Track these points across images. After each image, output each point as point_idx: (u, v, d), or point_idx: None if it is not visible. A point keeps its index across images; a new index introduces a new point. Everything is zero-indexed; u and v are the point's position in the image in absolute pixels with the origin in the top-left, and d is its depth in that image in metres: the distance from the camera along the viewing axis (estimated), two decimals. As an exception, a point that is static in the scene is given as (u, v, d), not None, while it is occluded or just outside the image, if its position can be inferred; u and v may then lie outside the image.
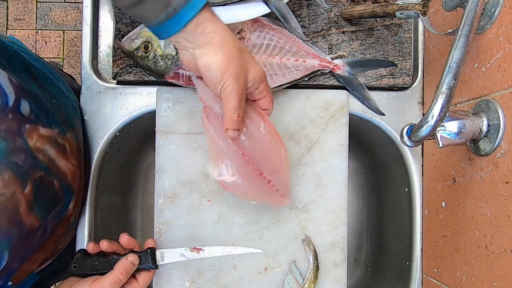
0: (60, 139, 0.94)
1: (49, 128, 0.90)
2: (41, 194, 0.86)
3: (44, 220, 0.88)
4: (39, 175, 0.85)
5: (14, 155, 0.80)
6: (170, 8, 0.74)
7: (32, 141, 0.84)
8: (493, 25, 0.85)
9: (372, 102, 1.13)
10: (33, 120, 0.85)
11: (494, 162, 0.83)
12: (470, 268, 0.92)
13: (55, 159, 0.91)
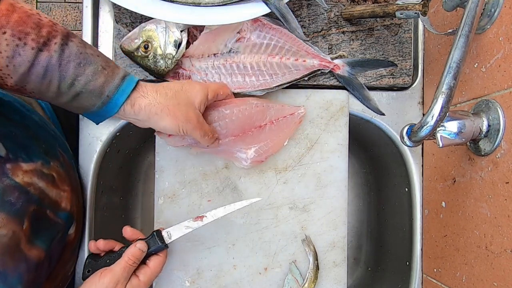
0: (46, 170, 0.95)
1: (31, 162, 0.91)
2: (38, 226, 0.88)
3: (48, 249, 0.89)
4: (33, 209, 0.87)
5: (7, 194, 0.82)
6: (104, 95, 0.82)
7: (18, 178, 0.86)
8: (493, 25, 0.85)
9: (372, 102, 1.13)
10: (12, 159, 0.86)
11: (494, 162, 0.83)
12: (470, 268, 0.92)
13: (45, 189, 0.93)
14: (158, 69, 1.04)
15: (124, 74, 0.85)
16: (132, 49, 1.03)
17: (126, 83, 0.84)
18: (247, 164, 1.09)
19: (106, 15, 1.13)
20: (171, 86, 0.92)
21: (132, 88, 0.85)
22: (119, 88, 0.83)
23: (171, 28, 1.02)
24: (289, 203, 1.12)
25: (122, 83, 0.84)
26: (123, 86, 0.84)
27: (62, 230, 0.96)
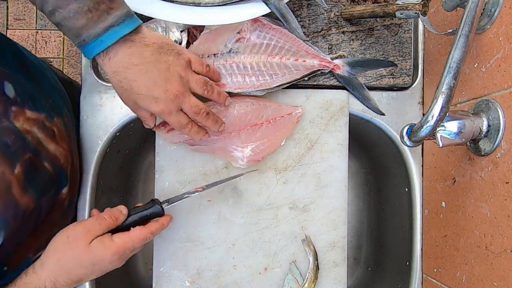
0: (48, 123, 0.95)
1: (35, 112, 0.91)
2: (33, 175, 0.87)
3: (38, 201, 0.88)
4: (29, 157, 0.87)
5: (3, 135, 0.82)
6: (81, 38, 0.79)
7: (19, 123, 0.86)
8: (493, 25, 0.85)
9: (372, 102, 1.13)
10: (19, 103, 0.87)
11: (494, 162, 0.83)
12: (470, 268, 0.92)
13: (43, 141, 0.92)
14: (158, 69, 1.04)
15: (112, 24, 0.78)
16: (132, 49, 1.03)
17: (108, 35, 0.79)
18: (243, 163, 1.09)
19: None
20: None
21: (114, 42, 0.79)
22: (98, 37, 0.78)
23: (171, 28, 1.02)
24: (289, 203, 1.12)
25: (104, 34, 0.78)
26: (104, 37, 0.78)
27: (56, 186, 0.96)
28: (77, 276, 0.85)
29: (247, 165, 1.09)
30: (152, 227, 0.92)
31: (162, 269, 1.10)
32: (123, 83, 0.85)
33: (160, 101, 0.87)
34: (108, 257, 0.86)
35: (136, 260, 1.38)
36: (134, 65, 0.83)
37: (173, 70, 0.87)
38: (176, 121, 0.92)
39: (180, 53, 0.89)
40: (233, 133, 1.07)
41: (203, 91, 0.94)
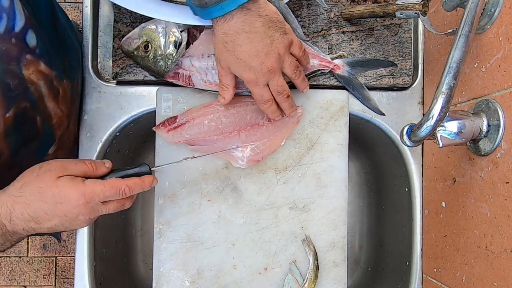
0: (56, 82, 0.96)
1: (48, 67, 0.92)
2: (21, 125, 0.88)
3: (15, 152, 0.88)
4: (24, 106, 0.87)
5: (7, 77, 0.82)
6: (203, 1, 0.84)
7: (27, 71, 0.87)
8: (493, 25, 0.85)
9: (372, 102, 1.13)
10: (36, 54, 0.88)
11: (494, 162, 0.83)
12: (470, 268, 0.92)
13: (45, 97, 0.93)
14: (158, 69, 1.04)
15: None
16: (132, 49, 1.03)
17: (229, 2, 0.83)
18: (243, 163, 1.09)
19: (106, 15, 1.13)
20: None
21: (233, 9, 0.84)
22: (219, 3, 0.83)
23: (171, 28, 1.02)
24: (289, 203, 1.12)
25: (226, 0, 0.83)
26: (225, 3, 0.83)
27: (37, 142, 0.95)
28: (35, 212, 0.78)
29: (247, 165, 1.09)
30: (130, 180, 0.86)
31: (162, 269, 1.10)
32: (228, 44, 0.89)
33: (254, 71, 0.91)
34: (74, 197, 0.79)
35: (136, 260, 1.38)
36: (244, 32, 0.87)
37: (275, 46, 0.91)
38: (260, 93, 0.96)
39: (286, 33, 0.93)
40: (233, 133, 1.08)
41: (292, 73, 0.98)
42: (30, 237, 2.59)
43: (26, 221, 0.78)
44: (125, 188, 0.84)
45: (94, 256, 1.14)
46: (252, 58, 0.89)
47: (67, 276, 2.60)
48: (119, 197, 0.85)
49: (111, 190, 0.83)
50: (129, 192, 0.85)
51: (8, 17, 0.80)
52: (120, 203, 0.87)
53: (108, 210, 0.86)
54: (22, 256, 2.59)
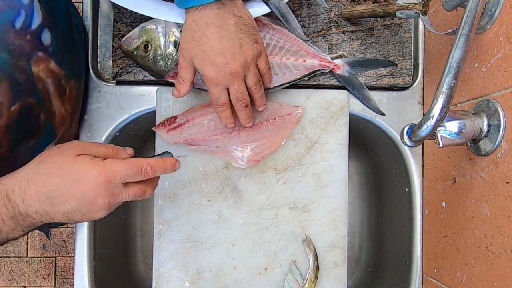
0: (64, 81, 0.96)
1: (58, 66, 0.92)
2: (25, 120, 0.87)
3: (14, 147, 0.87)
4: (30, 102, 0.87)
5: (16, 72, 0.81)
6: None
7: (36, 68, 0.86)
8: (493, 24, 0.84)
9: (372, 102, 1.13)
10: (49, 52, 0.88)
11: (494, 162, 0.83)
12: (471, 268, 0.91)
13: (51, 95, 0.93)
14: (158, 69, 1.04)
15: None
16: (132, 49, 1.03)
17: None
18: (243, 163, 1.09)
19: (106, 14, 1.13)
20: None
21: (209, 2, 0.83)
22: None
23: (171, 28, 1.02)
24: (289, 203, 1.12)
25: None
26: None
27: (36, 138, 0.94)
28: (50, 191, 0.74)
29: (247, 165, 1.09)
30: (152, 159, 0.83)
31: (162, 269, 1.10)
32: (196, 34, 0.86)
33: (216, 68, 0.88)
34: (93, 175, 0.75)
35: (136, 260, 1.38)
36: (215, 25, 0.85)
37: (243, 51, 0.89)
38: (217, 95, 0.94)
39: (256, 42, 0.91)
40: (233, 133, 1.07)
41: (253, 85, 0.95)
42: (30, 237, 2.59)
43: (40, 201, 0.74)
44: (147, 166, 0.80)
45: (94, 256, 1.13)
46: (217, 54, 0.87)
47: (67, 276, 2.60)
48: (141, 176, 0.80)
49: (133, 168, 0.79)
50: (151, 172, 0.81)
51: (26, 14, 0.80)
52: (141, 188, 0.83)
53: (128, 196, 0.81)
54: (22, 256, 2.59)
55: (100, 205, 0.78)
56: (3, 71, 0.79)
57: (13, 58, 0.80)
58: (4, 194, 0.73)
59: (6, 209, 0.73)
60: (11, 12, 0.78)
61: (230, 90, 0.93)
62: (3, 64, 0.78)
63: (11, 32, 0.79)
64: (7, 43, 0.78)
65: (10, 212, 0.73)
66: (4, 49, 0.78)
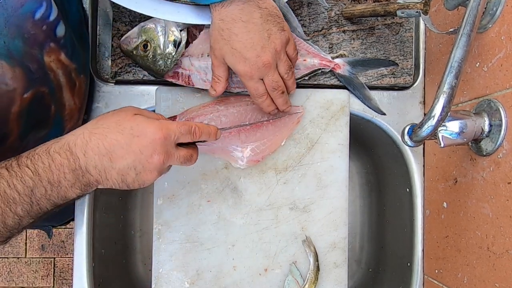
0: (74, 75, 0.98)
1: (69, 60, 0.95)
2: (36, 108, 0.88)
3: (24, 136, 0.88)
4: (43, 91, 0.88)
5: (28, 60, 0.83)
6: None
7: (48, 58, 0.88)
8: (495, 24, 0.84)
9: (373, 102, 1.13)
10: (61, 44, 0.90)
11: (496, 162, 0.83)
12: (472, 269, 0.91)
13: (63, 87, 0.95)
14: (157, 69, 1.03)
15: None
16: (131, 49, 1.03)
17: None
18: (243, 163, 1.09)
19: (105, 14, 1.12)
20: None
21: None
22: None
23: (171, 27, 1.02)
24: (290, 204, 1.11)
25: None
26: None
27: (47, 129, 0.95)
28: (110, 145, 0.77)
29: (246, 165, 1.09)
30: (198, 123, 0.88)
31: (161, 270, 1.09)
32: (224, 32, 0.88)
33: (249, 63, 0.90)
34: (151, 131, 0.79)
35: (135, 261, 1.38)
36: (242, 20, 0.87)
37: (272, 41, 0.91)
38: (255, 87, 0.95)
39: (284, 29, 0.93)
40: (232, 133, 1.07)
41: (285, 73, 0.97)
42: (29, 238, 2.59)
43: (100, 155, 0.76)
44: (195, 128, 0.85)
45: (93, 257, 1.13)
46: (247, 49, 0.89)
47: (65, 277, 2.61)
48: (191, 136, 0.85)
49: (185, 126, 0.83)
50: (199, 133, 0.86)
51: (47, 6, 0.83)
52: (189, 152, 0.87)
53: (179, 157, 0.84)
54: (20, 257, 2.59)
55: (155, 163, 0.80)
56: (14, 58, 0.79)
57: (26, 46, 0.81)
58: (66, 147, 0.75)
59: (68, 162, 0.74)
60: (34, 3, 0.80)
61: (265, 81, 0.95)
62: (15, 51, 0.79)
63: (29, 21, 0.80)
64: (23, 32, 0.80)
65: (72, 164, 0.75)
66: (19, 36, 0.79)
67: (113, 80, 1.11)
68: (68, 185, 0.75)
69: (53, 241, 2.58)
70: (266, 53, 0.90)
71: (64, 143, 0.75)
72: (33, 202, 0.73)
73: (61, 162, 0.74)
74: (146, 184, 0.83)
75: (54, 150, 0.74)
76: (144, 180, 0.82)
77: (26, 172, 0.72)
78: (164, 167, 0.83)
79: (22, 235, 2.60)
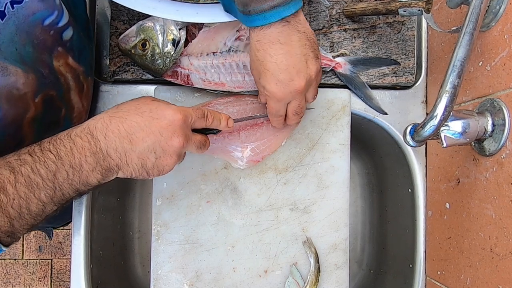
0: (82, 78, 1.00)
1: (77, 63, 0.96)
2: (48, 112, 0.90)
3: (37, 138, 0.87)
4: (53, 94, 0.90)
5: (39, 65, 0.84)
6: (247, 8, 0.82)
7: (57, 63, 0.90)
8: (498, 22, 0.84)
9: (374, 101, 1.12)
10: (67, 48, 0.92)
11: (499, 162, 0.82)
12: (475, 271, 0.91)
13: (71, 90, 0.96)
14: (156, 68, 1.03)
15: (278, 3, 0.81)
16: (129, 48, 1.03)
17: (272, 13, 0.82)
18: (243, 164, 1.08)
19: (103, 12, 1.12)
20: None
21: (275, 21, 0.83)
22: (262, 13, 0.82)
23: (169, 26, 1.01)
24: (290, 204, 1.11)
25: (269, 11, 0.82)
26: (268, 14, 0.82)
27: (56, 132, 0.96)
28: (130, 126, 0.79)
29: (246, 165, 1.08)
30: (211, 109, 0.91)
31: (160, 271, 1.08)
32: (259, 53, 0.87)
33: (281, 85, 0.88)
34: (169, 114, 0.81)
35: (134, 263, 1.38)
36: (280, 42, 0.85)
37: (308, 67, 0.88)
38: (277, 109, 0.94)
39: (318, 57, 0.91)
40: (232, 133, 1.06)
41: (312, 98, 0.96)
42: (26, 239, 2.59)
43: (121, 137, 0.78)
44: (208, 113, 0.89)
45: (91, 258, 1.13)
46: (281, 71, 0.86)
47: (63, 279, 2.61)
48: (205, 120, 0.88)
49: (199, 111, 0.87)
50: (211, 118, 0.89)
51: (58, 14, 0.85)
52: (203, 137, 0.90)
53: (195, 142, 0.87)
54: (17, 259, 2.59)
55: (175, 146, 0.82)
56: (27, 64, 0.81)
57: (36, 52, 0.83)
58: (87, 130, 0.77)
59: (89, 144, 0.76)
60: (46, 11, 0.82)
61: (290, 104, 0.93)
62: (27, 57, 0.81)
63: (38, 28, 0.82)
64: (33, 38, 0.81)
65: (93, 147, 0.76)
66: (29, 43, 0.81)
67: (111, 79, 1.10)
68: (90, 169, 0.76)
69: (50, 242, 2.58)
70: (301, 79, 0.88)
71: (85, 127, 0.77)
72: (56, 187, 0.74)
73: (82, 145, 0.75)
74: (165, 171, 0.84)
75: (76, 134, 0.76)
76: (163, 165, 0.83)
77: (49, 156, 0.73)
78: (183, 151, 0.85)
79: (19, 236, 2.61)
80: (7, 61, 0.77)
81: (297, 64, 0.86)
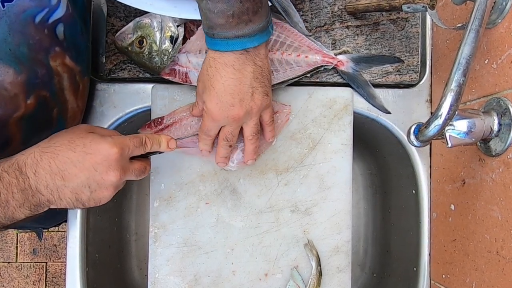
0: (79, 78, 0.99)
1: (73, 62, 0.96)
2: (38, 113, 0.89)
3: (26, 138, 0.89)
4: (45, 95, 0.89)
5: (36, 65, 0.85)
6: (211, 32, 0.84)
7: (54, 63, 0.90)
8: (504, 19, 0.83)
9: (377, 100, 1.12)
10: (64, 47, 0.92)
11: (505, 163, 0.81)
12: (481, 274, 0.90)
13: (65, 90, 0.96)
14: (153, 66, 1.03)
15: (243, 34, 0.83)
16: (126, 45, 1.02)
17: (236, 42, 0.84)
18: (234, 165, 1.07)
19: (99, 9, 1.12)
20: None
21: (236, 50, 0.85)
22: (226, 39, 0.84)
23: (167, 23, 1.01)
24: (291, 206, 1.10)
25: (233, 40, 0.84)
26: (231, 41, 0.84)
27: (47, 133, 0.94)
28: (62, 163, 0.77)
29: (237, 167, 1.07)
30: (149, 134, 0.90)
31: (158, 275, 1.08)
32: (211, 69, 0.88)
33: (220, 107, 0.90)
34: (103, 148, 0.79)
35: (131, 266, 1.38)
36: (233, 68, 0.86)
37: (252, 99, 0.91)
38: (209, 128, 0.95)
39: (267, 95, 0.93)
40: None
41: (249, 136, 0.98)
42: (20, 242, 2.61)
43: (52, 174, 0.76)
44: (146, 139, 0.87)
45: (87, 261, 1.13)
46: (226, 94, 0.88)
47: (58, 282, 2.62)
48: (143, 148, 0.87)
49: (136, 139, 0.85)
50: (150, 144, 0.88)
51: (49, 10, 0.85)
52: (142, 164, 0.89)
53: (134, 171, 0.86)
54: (11, 262, 2.60)
55: (111, 180, 0.81)
56: (23, 64, 0.82)
57: (32, 52, 0.83)
58: (16, 166, 0.75)
59: (17, 181, 0.74)
60: (36, 9, 0.83)
61: (222, 129, 0.95)
62: (22, 57, 0.81)
63: (31, 26, 0.82)
64: (28, 38, 0.82)
65: (21, 184, 0.74)
66: (24, 43, 0.82)
67: (107, 77, 1.10)
68: (17, 205, 0.75)
69: (45, 245, 2.60)
70: (242, 107, 0.90)
71: (14, 162, 0.76)
72: None
73: (9, 181, 0.74)
74: (103, 202, 0.85)
75: (3, 169, 0.75)
76: (100, 197, 0.83)
77: None
78: (121, 182, 0.84)
79: (13, 239, 2.64)
80: (1, 61, 0.77)
81: (243, 92, 0.88)
